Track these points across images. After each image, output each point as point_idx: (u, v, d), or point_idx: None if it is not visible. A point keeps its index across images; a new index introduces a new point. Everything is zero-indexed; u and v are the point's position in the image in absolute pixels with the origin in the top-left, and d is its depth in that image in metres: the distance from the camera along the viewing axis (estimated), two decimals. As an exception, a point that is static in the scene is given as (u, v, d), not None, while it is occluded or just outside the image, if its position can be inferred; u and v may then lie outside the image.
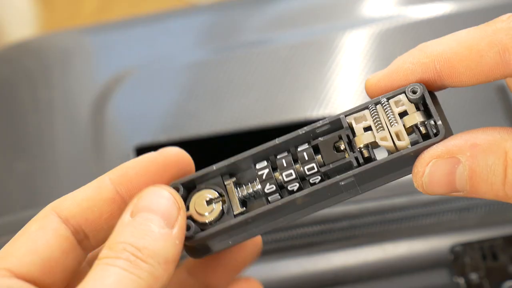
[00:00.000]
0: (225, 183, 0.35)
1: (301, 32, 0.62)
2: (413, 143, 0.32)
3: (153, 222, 0.31)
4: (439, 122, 0.32)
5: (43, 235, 0.33)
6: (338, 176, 0.32)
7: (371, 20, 0.61)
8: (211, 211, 0.34)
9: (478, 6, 0.59)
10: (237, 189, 0.34)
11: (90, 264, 0.35)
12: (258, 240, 0.40)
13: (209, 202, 0.34)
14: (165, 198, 0.32)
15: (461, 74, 0.32)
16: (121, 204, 0.34)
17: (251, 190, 0.34)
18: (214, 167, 0.34)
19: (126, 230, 0.31)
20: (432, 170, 0.31)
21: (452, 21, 0.59)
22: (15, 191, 0.56)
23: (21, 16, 1.28)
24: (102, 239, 0.34)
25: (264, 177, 0.34)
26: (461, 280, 0.48)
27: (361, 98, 0.55)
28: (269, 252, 0.49)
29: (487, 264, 0.49)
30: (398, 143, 0.32)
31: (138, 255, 0.30)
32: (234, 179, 0.35)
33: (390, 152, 0.33)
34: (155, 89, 0.60)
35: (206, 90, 0.58)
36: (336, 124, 0.33)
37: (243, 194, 0.34)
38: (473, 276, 0.48)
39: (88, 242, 0.34)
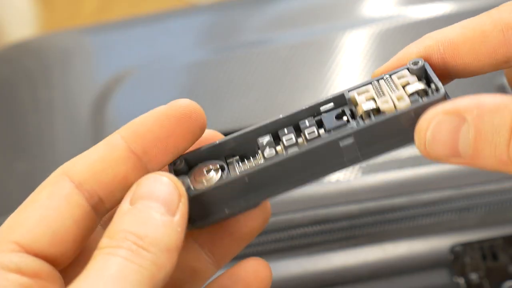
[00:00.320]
0: (228, 161, 0.35)
1: (301, 32, 0.62)
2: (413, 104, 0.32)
3: (154, 209, 0.30)
4: (440, 84, 0.32)
5: (54, 203, 0.31)
6: (337, 133, 0.32)
7: (371, 20, 0.61)
8: (210, 178, 0.34)
9: (478, 6, 0.59)
10: (238, 164, 0.34)
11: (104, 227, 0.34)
12: (266, 206, 0.38)
13: (208, 171, 0.34)
14: (165, 184, 0.31)
15: (464, 56, 0.32)
16: (136, 162, 0.33)
17: (252, 164, 0.34)
18: (218, 141, 0.34)
19: (126, 218, 0.30)
20: (437, 126, 0.31)
21: (452, 21, 0.59)
22: (15, 191, 0.56)
23: (21, 16, 1.28)
24: (117, 201, 0.33)
25: (264, 143, 0.34)
26: (461, 280, 0.48)
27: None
28: (269, 252, 0.49)
29: (487, 264, 0.49)
30: (398, 104, 0.32)
31: (139, 244, 0.29)
32: (237, 157, 0.35)
33: None
34: (155, 89, 0.60)
35: (206, 90, 0.58)
36: (339, 101, 0.34)
37: (245, 168, 0.34)
38: (473, 276, 0.48)
39: (102, 206, 0.33)
